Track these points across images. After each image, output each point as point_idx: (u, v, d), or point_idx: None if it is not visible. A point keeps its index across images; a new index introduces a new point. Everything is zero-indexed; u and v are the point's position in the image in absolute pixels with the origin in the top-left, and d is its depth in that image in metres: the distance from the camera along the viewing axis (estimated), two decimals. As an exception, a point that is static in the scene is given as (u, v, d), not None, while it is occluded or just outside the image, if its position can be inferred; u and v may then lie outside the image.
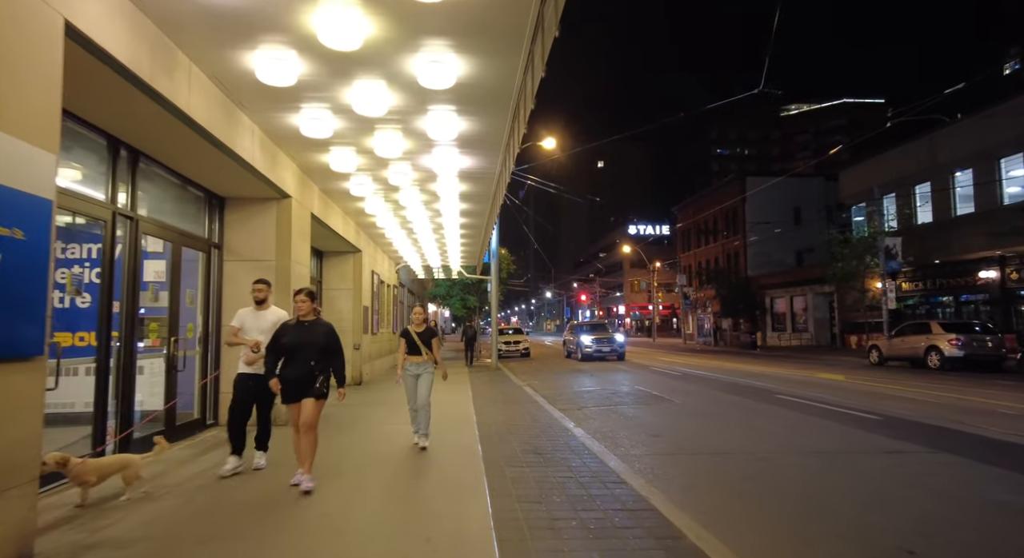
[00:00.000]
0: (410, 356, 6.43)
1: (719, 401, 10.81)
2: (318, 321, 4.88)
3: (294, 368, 4.70)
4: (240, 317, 5.58)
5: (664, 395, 11.73)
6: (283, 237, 7.93)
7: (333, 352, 4.82)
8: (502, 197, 10.23)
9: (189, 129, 5.33)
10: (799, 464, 5.89)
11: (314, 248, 12.64)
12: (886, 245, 23.87)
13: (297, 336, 4.73)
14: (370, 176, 8.77)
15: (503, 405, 9.77)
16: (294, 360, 4.71)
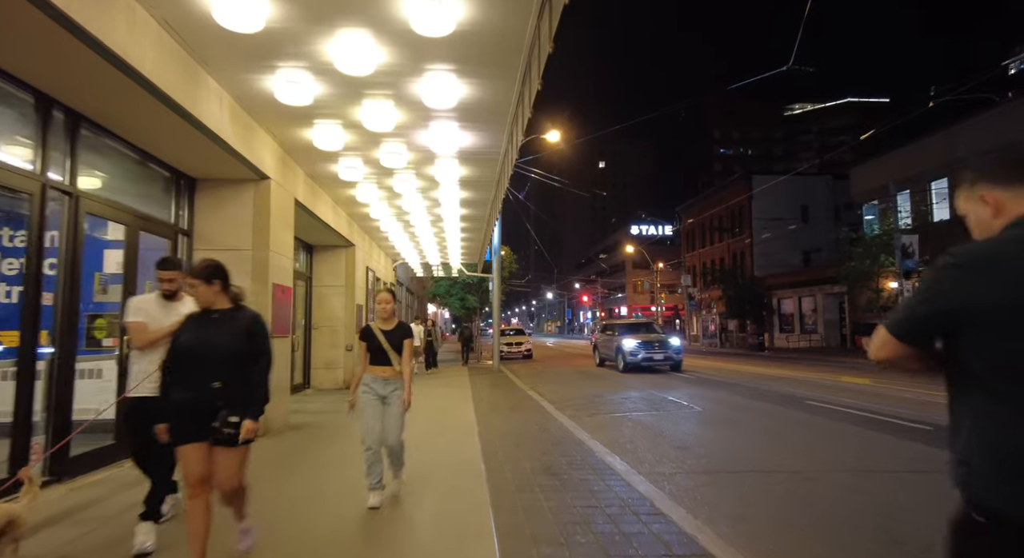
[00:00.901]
0: (374, 368, 4.28)
1: (742, 407, 9.90)
2: (236, 311, 3.00)
3: (188, 388, 2.84)
4: (140, 309, 3.70)
5: (680, 400, 10.83)
6: (261, 224, 7.04)
7: (253, 359, 2.95)
8: (506, 183, 9.35)
9: (138, 86, 4.44)
10: (860, 487, 4.98)
11: (303, 241, 11.76)
12: (902, 243, 22.98)
13: (195, 335, 2.89)
14: (360, 157, 7.88)
15: (508, 412, 8.87)
16: (188, 375, 2.85)
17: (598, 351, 20.52)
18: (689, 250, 50.93)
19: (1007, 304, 1.21)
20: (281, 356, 7.47)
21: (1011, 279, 1.21)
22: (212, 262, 3.03)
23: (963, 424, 1.30)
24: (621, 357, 17.35)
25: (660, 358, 17.03)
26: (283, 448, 6.33)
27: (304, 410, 9.21)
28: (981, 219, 1.40)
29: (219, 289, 2.99)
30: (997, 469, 1.22)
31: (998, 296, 1.21)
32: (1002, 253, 1.26)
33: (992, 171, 1.37)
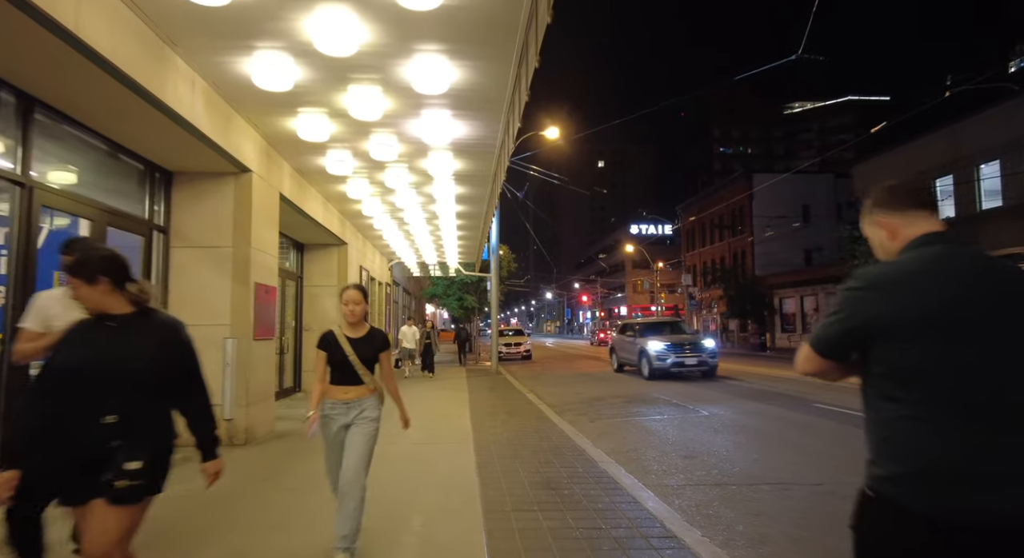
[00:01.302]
0: (336, 388, 3.29)
1: (750, 411, 9.50)
2: (141, 318, 2.16)
3: (69, 424, 2.05)
4: (44, 307, 2.88)
5: (684, 403, 10.42)
6: (242, 220, 6.62)
7: (180, 389, 2.21)
8: (503, 177, 8.94)
9: (94, 66, 4.03)
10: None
11: (293, 240, 11.35)
12: (908, 241, 22.62)
13: (80, 352, 2.07)
14: (349, 149, 7.46)
15: (505, 417, 8.46)
16: (68, 407, 2.05)
17: (616, 354, 17.76)
18: (689, 249, 50.56)
19: (898, 318, 1.34)
20: (265, 360, 7.06)
21: (905, 297, 1.35)
22: (95, 250, 2.19)
23: (871, 426, 1.44)
24: (646, 361, 14.89)
25: (693, 363, 14.50)
26: (265, 459, 5.92)
27: (292, 416, 8.79)
28: (880, 242, 1.56)
29: (108, 289, 2.10)
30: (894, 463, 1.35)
31: (894, 312, 1.35)
32: (897, 275, 1.39)
33: (886, 199, 1.53)
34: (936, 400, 1.32)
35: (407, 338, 14.86)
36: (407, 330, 15.02)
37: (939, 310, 1.33)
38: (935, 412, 1.31)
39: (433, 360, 15.53)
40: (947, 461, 1.29)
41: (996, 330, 1.32)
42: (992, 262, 1.40)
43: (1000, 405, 1.30)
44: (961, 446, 1.29)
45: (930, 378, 1.33)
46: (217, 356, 6.35)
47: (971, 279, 1.36)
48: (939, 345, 1.32)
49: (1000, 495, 1.26)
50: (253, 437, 6.58)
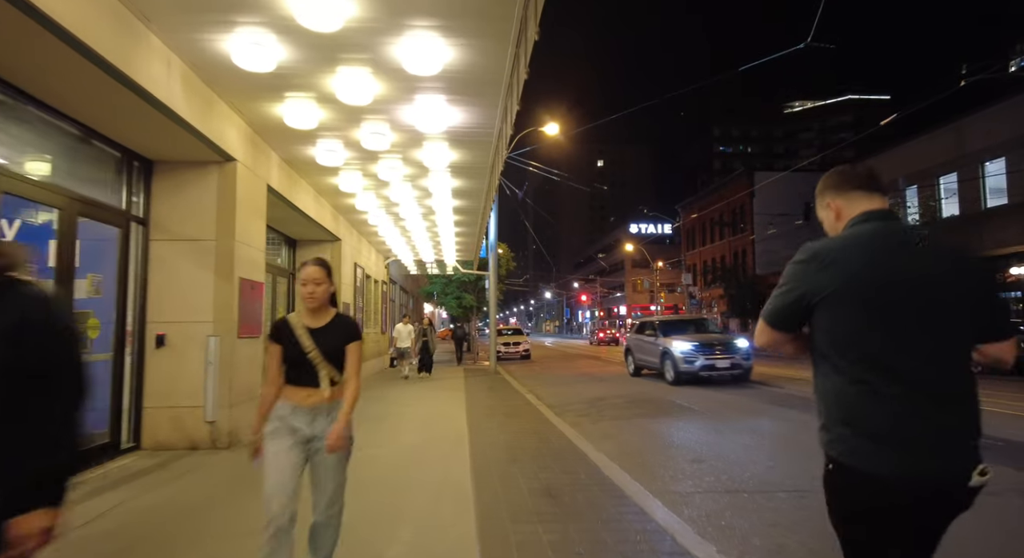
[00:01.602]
0: (293, 390, 2.61)
1: (757, 411, 9.18)
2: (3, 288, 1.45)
3: None
4: None
5: (688, 404, 10.10)
6: (226, 212, 6.29)
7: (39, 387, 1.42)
8: (501, 168, 8.62)
9: (56, 40, 3.70)
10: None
11: (285, 236, 11.02)
12: (912, 239, 22.31)
13: None
14: (339, 139, 7.14)
15: (503, 419, 8.13)
16: None
17: (632, 356, 15.80)
18: (689, 248, 50.26)
19: (836, 288, 1.45)
20: (250, 358, 6.73)
21: (840, 268, 1.45)
22: None
23: (818, 393, 1.53)
24: (670, 364, 13.18)
25: (725, 366, 12.65)
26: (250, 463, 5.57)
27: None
28: (829, 221, 1.67)
29: None
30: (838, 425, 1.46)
31: (830, 282, 1.46)
32: (835, 248, 1.49)
33: (833, 183, 1.65)
34: (869, 365, 1.42)
35: (402, 337, 14.18)
36: (402, 328, 14.27)
37: (863, 280, 1.43)
38: (871, 379, 1.41)
39: (431, 360, 15.18)
40: (883, 423, 1.39)
41: (914, 300, 1.42)
42: (917, 236, 1.49)
43: (921, 372, 1.40)
44: (893, 409, 1.39)
45: (862, 346, 1.43)
46: (199, 355, 6.03)
47: (893, 252, 1.47)
48: (861, 310, 1.43)
49: (930, 450, 1.38)
50: (237, 440, 6.25)
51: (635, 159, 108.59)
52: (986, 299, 1.49)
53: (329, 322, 2.69)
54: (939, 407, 1.38)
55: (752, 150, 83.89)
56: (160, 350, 6.02)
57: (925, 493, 1.39)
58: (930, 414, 1.38)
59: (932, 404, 1.38)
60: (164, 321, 6.06)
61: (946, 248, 1.48)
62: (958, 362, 1.44)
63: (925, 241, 1.48)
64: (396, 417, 8.44)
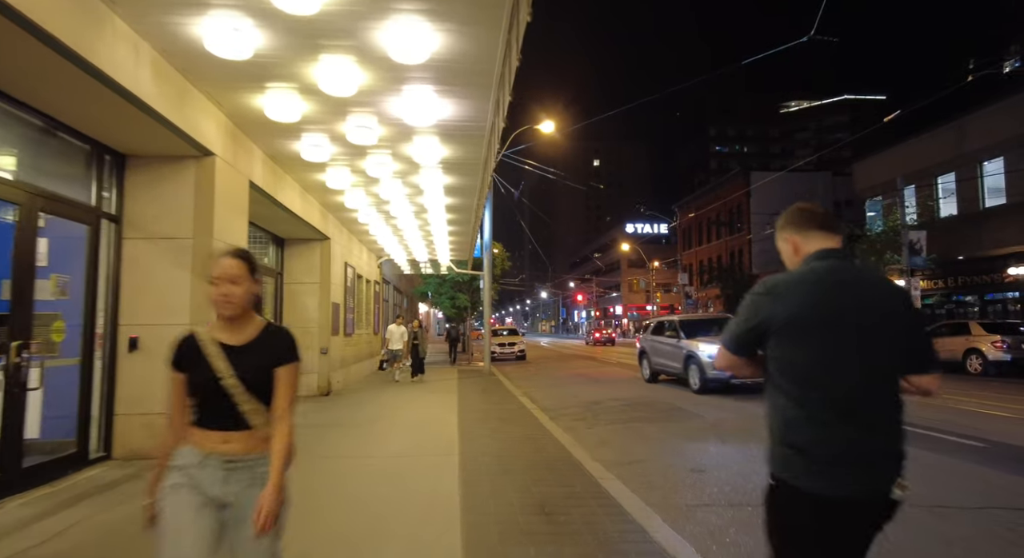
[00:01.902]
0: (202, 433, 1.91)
1: (759, 416, 8.93)
2: None
3: None
4: None
5: (687, 407, 9.84)
6: (204, 208, 5.98)
7: None
8: (494, 164, 8.33)
9: (9, 22, 3.40)
10: (939, 530, 3.98)
11: (273, 235, 10.70)
12: (910, 240, 22.13)
13: None
14: (325, 133, 6.83)
15: (496, 424, 7.85)
16: None
17: (647, 360, 14.47)
18: (686, 248, 50.09)
19: (788, 319, 1.60)
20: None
21: (791, 302, 1.61)
22: None
23: (767, 414, 1.70)
24: (696, 369, 11.63)
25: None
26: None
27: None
28: (787, 254, 1.83)
29: None
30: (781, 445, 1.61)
31: (783, 312, 1.61)
32: (790, 283, 1.65)
33: (794, 220, 1.80)
34: (810, 392, 1.57)
35: (394, 338, 13.68)
36: (395, 329, 13.75)
37: (810, 314, 1.58)
38: (810, 403, 1.56)
39: (422, 362, 14.52)
40: (819, 446, 1.54)
41: (850, 330, 1.57)
42: (864, 275, 1.66)
43: (853, 399, 1.55)
44: (828, 433, 1.54)
45: (805, 372, 1.58)
46: (175, 359, 5.71)
47: (840, 289, 1.61)
48: (807, 341, 1.58)
49: (860, 472, 1.53)
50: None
51: (631, 159, 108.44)
52: (917, 336, 1.66)
53: (254, 338, 1.99)
54: (868, 431, 1.55)
55: (748, 150, 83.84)
56: (133, 354, 5.70)
57: (855, 509, 1.54)
58: (859, 438, 1.54)
59: (862, 429, 1.54)
60: (137, 323, 5.74)
61: (885, 289, 1.66)
62: (888, 391, 1.61)
63: (869, 281, 1.66)
64: (385, 422, 8.14)
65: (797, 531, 1.59)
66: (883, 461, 1.58)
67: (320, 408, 9.60)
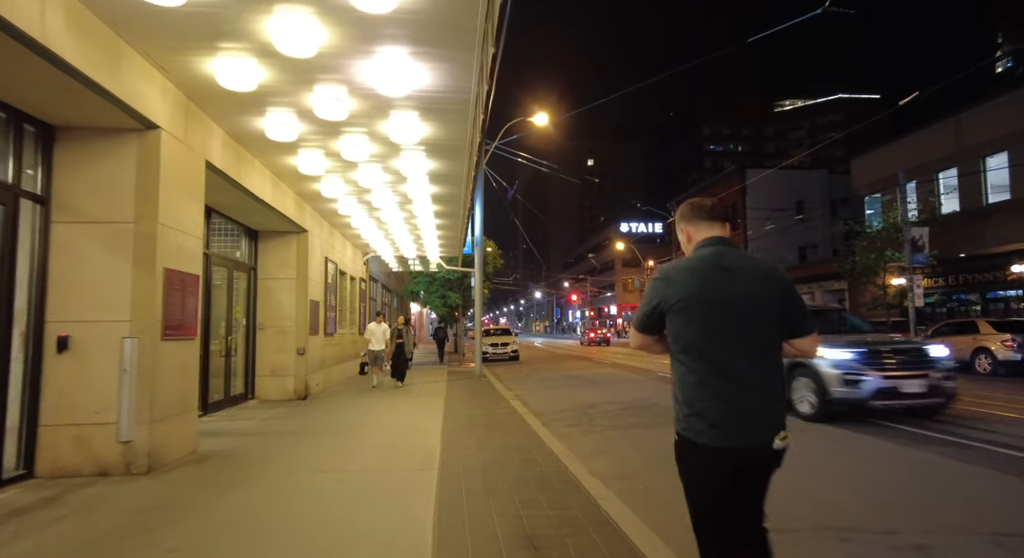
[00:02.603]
0: None
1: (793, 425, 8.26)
2: None
3: None
4: None
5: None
6: (147, 189, 5.24)
7: None
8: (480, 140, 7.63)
9: None
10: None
11: (245, 227, 9.95)
12: (912, 236, 21.58)
13: None
14: (291, 108, 6.11)
15: (484, 431, 7.14)
16: None
17: None
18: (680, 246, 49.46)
19: (678, 300, 1.93)
20: (180, 364, 5.68)
21: (681, 284, 1.94)
22: None
23: (674, 383, 2.00)
24: (811, 387, 7.94)
25: (916, 390, 7.48)
26: (164, 496, 4.53)
27: (229, 431, 7.41)
28: (684, 243, 2.15)
29: None
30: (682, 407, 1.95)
31: (674, 295, 1.94)
32: (679, 270, 1.98)
33: (687, 213, 2.12)
34: (699, 361, 1.91)
35: (375, 338, 12.17)
36: (375, 328, 12.24)
37: (689, 292, 1.92)
38: (700, 371, 1.90)
39: (405, 366, 12.84)
40: (707, 406, 1.88)
41: (729, 308, 1.89)
42: (744, 260, 1.98)
43: (735, 366, 1.88)
44: (715, 395, 1.88)
45: (694, 345, 1.91)
46: (112, 360, 4.98)
47: (717, 270, 1.94)
48: (695, 317, 1.91)
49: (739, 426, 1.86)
50: (160, 463, 5.21)
51: (625, 158, 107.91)
52: (790, 306, 1.97)
53: None
54: (748, 393, 1.88)
55: (743, 149, 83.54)
56: (62, 355, 4.96)
57: (741, 457, 1.86)
58: (742, 399, 1.87)
59: (744, 391, 1.87)
60: (68, 320, 5.00)
61: (761, 269, 1.97)
62: (767, 358, 1.93)
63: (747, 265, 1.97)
64: (363, 429, 7.42)
65: (697, 476, 1.92)
66: (762, 417, 1.87)
67: (294, 413, 8.86)
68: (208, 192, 7.46)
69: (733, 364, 1.87)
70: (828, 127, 78.90)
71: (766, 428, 1.87)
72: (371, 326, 12.32)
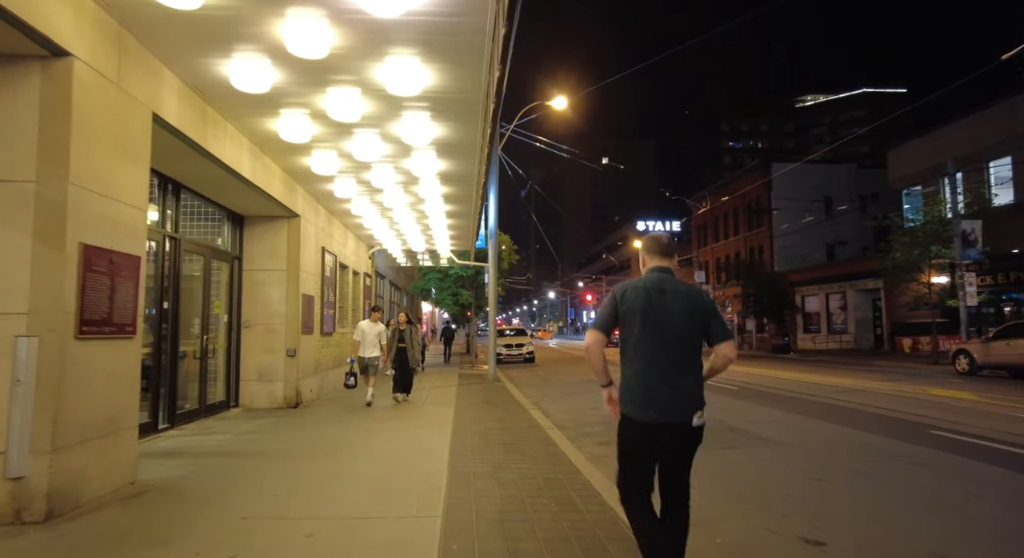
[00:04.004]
0: None
1: (838, 440, 6.80)
2: None
3: None
4: None
5: (742, 425, 7.74)
6: (54, 137, 3.93)
7: None
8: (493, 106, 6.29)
9: None
10: None
11: (228, 210, 8.69)
12: (963, 230, 19.86)
13: None
14: (262, 50, 4.77)
15: (501, 454, 5.76)
16: None
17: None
18: (701, 245, 47.71)
19: (627, 309, 2.60)
20: (105, 371, 4.35)
21: (631, 299, 2.61)
22: None
23: (621, 375, 2.64)
24: None
25: None
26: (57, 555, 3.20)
27: (193, 449, 6.10)
28: (641, 266, 2.84)
29: None
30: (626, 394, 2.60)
31: (624, 307, 2.61)
32: (628, 288, 2.65)
33: (645, 247, 2.80)
34: (637, 358, 2.57)
35: (367, 341, 9.32)
36: (368, 328, 9.39)
37: (635, 305, 2.58)
38: (637, 365, 2.57)
39: (410, 376, 9.92)
40: (641, 394, 2.54)
41: (660, 319, 2.55)
42: (677, 285, 2.62)
43: (659, 362, 2.54)
44: (645, 385, 2.54)
45: (634, 345, 2.58)
46: (2, 368, 3.68)
47: (655, 291, 2.59)
48: (636, 325, 2.57)
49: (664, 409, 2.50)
50: (71, 504, 3.89)
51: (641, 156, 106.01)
52: (711, 318, 2.61)
53: None
54: (672, 382, 2.52)
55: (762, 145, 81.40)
56: (-63, 360, 3.66)
57: (665, 430, 2.51)
58: (666, 386, 2.52)
59: (668, 381, 2.52)
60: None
61: (687, 293, 2.61)
62: (688, 357, 2.56)
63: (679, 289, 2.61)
64: (354, 450, 6.08)
65: (630, 443, 2.60)
66: (682, 401, 2.52)
67: (279, 426, 7.55)
68: (167, 160, 6.21)
69: (661, 360, 2.54)
70: (851, 123, 76.43)
71: (686, 410, 2.51)
72: (363, 325, 9.48)
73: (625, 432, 2.60)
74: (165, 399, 6.90)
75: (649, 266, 2.74)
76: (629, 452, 2.59)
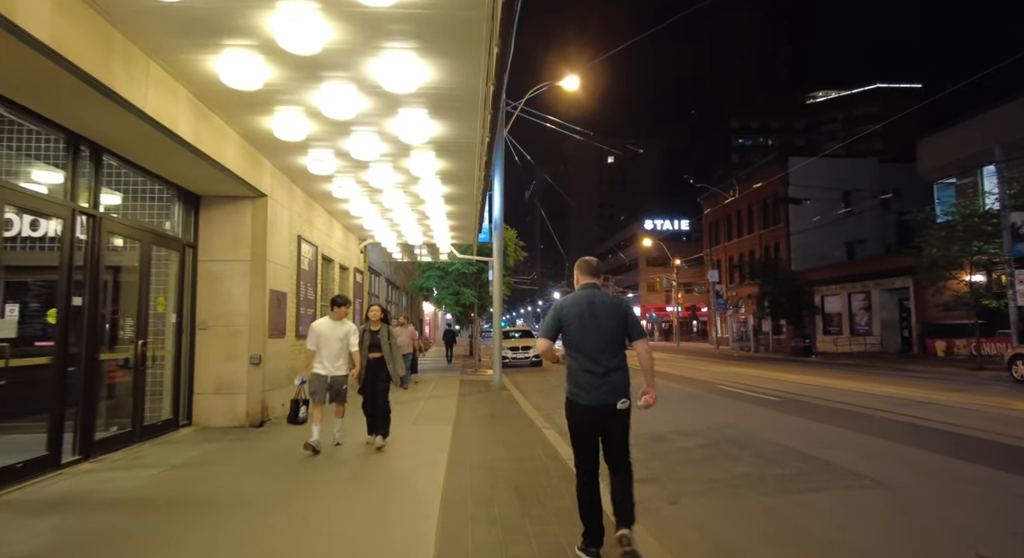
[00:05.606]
0: None
1: (951, 475, 5.20)
2: None
3: None
4: None
5: (818, 453, 6.13)
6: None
7: None
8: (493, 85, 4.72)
9: None
10: None
11: (180, 189, 7.14)
12: (1012, 222, 18.18)
13: None
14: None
15: (513, 504, 4.18)
16: None
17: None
18: (713, 244, 46.01)
19: (565, 318, 3.38)
20: None
21: (569, 310, 3.38)
22: None
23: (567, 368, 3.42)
24: None
25: None
26: None
27: (92, 495, 4.52)
28: (575, 283, 3.60)
29: None
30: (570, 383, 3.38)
31: (563, 316, 3.39)
32: (567, 301, 3.45)
33: (579, 267, 3.61)
34: (576, 353, 3.32)
35: (327, 349, 6.09)
36: (328, 330, 6.12)
37: (572, 315, 3.35)
38: (576, 359, 3.31)
39: (386, 407, 6.35)
40: (582, 382, 3.28)
41: (592, 324, 3.31)
42: (604, 297, 3.41)
43: (594, 358, 3.28)
44: (585, 375, 3.28)
45: (573, 344, 3.33)
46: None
47: (585, 303, 3.36)
48: (575, 329, 3.32)
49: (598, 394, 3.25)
50: None
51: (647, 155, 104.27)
52: (627, 321, 3.38)
53: None
54: (601, 372, 3.26)
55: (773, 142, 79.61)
56: None
57: (598, 410, 3.25)
58: (597, 376, 3.26)
59: (597, 371, 3.26)
60: None
61: (611, 303, 3.38)
62: (616, 354, 3.32)
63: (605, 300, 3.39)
64: (305, 497, 4.51)
65: (573, 421, 3.36)
66: (610, 387, 3.26)
67: (229, 454, 5.99)
68: (68, 106, 4.63)
69: (593, 356, 3.29)
70: (865, 119, 74.55)
71: (612, 395, 3.25)
72: (320, 326, 6.17)
73: (572, 413, 3.36)
74: (77, 422, 5.34)
75: (582, 283, 3.54)
76: (575, 428, 3.37)
